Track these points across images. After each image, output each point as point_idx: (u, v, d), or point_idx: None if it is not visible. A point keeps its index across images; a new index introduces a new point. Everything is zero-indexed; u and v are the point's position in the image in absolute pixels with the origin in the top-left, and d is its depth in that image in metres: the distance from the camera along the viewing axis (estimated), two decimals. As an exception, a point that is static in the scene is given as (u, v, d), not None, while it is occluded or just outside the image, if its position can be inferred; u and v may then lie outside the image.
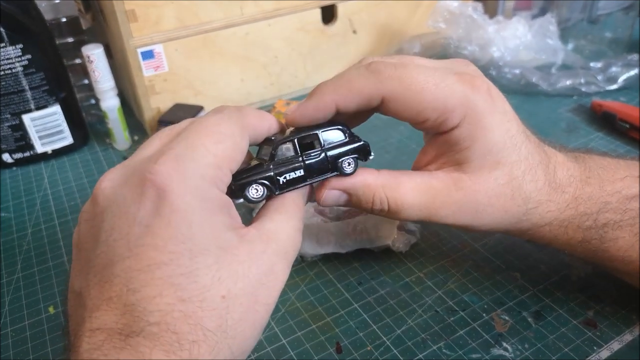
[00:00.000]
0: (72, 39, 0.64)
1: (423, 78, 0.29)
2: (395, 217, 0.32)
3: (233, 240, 0.25)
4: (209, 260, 0.23)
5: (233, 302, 0.23)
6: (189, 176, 0.24)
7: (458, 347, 0.35)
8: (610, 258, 0.33)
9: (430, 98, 0.29)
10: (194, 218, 0.23)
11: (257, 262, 0.25)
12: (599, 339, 0.35)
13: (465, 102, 0.30)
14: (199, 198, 0.24)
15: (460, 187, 0.32)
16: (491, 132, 0.31)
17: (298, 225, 0.29)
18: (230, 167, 0.26)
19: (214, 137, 0.26)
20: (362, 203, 0.32)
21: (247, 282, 0.24)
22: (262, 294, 0.25)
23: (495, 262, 0.42)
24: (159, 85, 0.60)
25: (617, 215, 0.32)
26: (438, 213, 0.32)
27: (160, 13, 0.57)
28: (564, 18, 0.77)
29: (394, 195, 0.31)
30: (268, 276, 0.25)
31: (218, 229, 0.24)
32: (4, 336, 0.38)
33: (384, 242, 0.42)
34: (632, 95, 0.64)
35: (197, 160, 0.24)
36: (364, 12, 0.69)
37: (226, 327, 0.23)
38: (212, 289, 0.23)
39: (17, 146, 0.58)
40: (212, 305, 0.23)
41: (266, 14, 0.62)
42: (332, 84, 0.30)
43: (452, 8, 0.70)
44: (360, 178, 0.31)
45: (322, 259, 0.43)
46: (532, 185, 0.32)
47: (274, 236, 0.27)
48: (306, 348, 0.36)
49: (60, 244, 0.47)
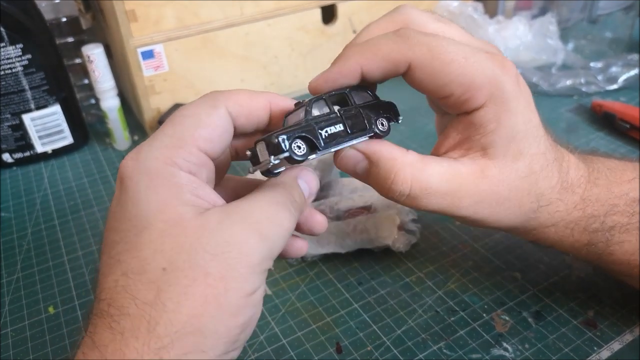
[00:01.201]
0: (72, 39, 0.64)
1: (454, 49, 0.28)
2: (412, 203, 0.30)
3: (186, 214, 0.24)
4: (153, 235, 0.23)
5: (175, 274, 0.22)
6: (142, 160, 0.25)
7: (458, 347, 0.35)
8: (615, 262, 0.33)
9: (459, 71, 0.28)
10: (140, 196, 0.24)
11: (208, 233, 0.23)
12: (599, 339, 0.35)
13: (494, 82, 0.28)
14: (149, 178, 0.24)
15: (486, 176, 0.30)
16: (516, 116, 0.29)
17: (280, 199, 0.26)
18: (197, 144, 0.25)
19: (175, 120, 0.26)
20: (381, 177, 0.29)
21: (196, 254, 0.23)
22: (215, 267, 0.23)
23: (495, 262, 0.42)
24: (159, 85, 0.60)
25: (624, 218, 0.32)
26: (460, 203, 0.30)
27: (160, 13, 0.57)
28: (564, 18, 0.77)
29: (419, 177, 0.29)
30: (224, 247, 0.23)
31: (167, 204, 0.24)
32: (4, 336, 0.38)
33: (384, 242, 0.42)
34: (632, 95, 0.64)
35: (152, 145, 0.25)
36: (364, 12, 0.69)
37: (164, 300, 0.22)
38: (153, 262, 0.23)
39: (17, 146, 0.58)
40: (151, 277, 0.22)
41: (266, 14, 0.62)
42: (359, 47, 0.29)
43: (452, 8, 0.70)
44: (387, 148, 0.29)
45: (322, 259, 0.43)
46: (546, 182, 0.31)
47: (240, 209, 0.25)
48: (306, 348, 0.36)
49: (60, 244, 0.47)
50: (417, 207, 0.30)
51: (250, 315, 0.24)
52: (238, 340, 0.24)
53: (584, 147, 0.56)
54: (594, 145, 0.56)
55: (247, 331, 0.25)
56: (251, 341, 0.36)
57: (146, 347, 0.21)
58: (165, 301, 0.22)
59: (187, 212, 0.24)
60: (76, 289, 0.42)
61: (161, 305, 0.22)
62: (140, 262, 0.23)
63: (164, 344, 0.21)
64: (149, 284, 0.22)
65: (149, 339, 0.21)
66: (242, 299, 0.23)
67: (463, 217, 0.31)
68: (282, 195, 0.26)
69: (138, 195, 0.24)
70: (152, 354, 0.21)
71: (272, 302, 0.39)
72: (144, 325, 0.22)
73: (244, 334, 0.24)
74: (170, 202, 0.24)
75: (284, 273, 0.42)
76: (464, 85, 0.28)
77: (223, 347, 0.23)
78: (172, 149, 0.25)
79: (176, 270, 0.22)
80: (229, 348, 0.23)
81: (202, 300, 0.22)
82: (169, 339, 0.22)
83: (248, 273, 0.23)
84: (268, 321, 0.38)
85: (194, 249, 0.23)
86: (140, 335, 0.21)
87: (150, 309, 0.22)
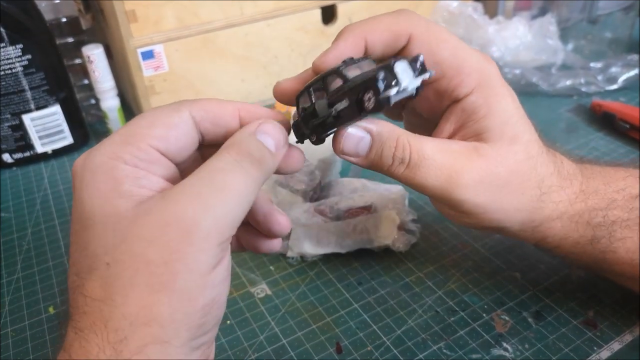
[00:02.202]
0: (72, 39, 0.64)
1: (447, 33, 0.30)
2: (412, 176, 0.30)
3: (122, 206, 0.23)
4: (96, 231, 0.23)
5: (119, 267, 0.22)
6: (90, 158, 0.24)
7: (458, 347, 0.35)
8: (618, 260, 0.32)
9: (451, 51, 0.29)
10: (85, 194, 0.23)
11: (143, 220, 0.22)
12: (599, 339, 0.35)
13: (480, 69, 0.30)
14: (92, 174, 0.24)
15: (480, 154, 0.30)
16: (506, 101, 0.30)
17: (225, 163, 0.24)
18: (148, 141, 0.24)
19: (131, 121, 0.26)
20: (384, 150, 0.29)
21: (133, 243, 0.22)
22: (155, 252, 0.21)
23: (495, 262, 0.42)
24: (159, 85, 0.60)
25: (624, 213, 0.32)
26: (458, 179, 0.29)
27: (160, 13, 0.57)
28: (564, 18, 0.77)
29: (417, 144, 0.29)
30: (161, 230, 0.22)
31: (107, 199, 0.23)
32: (4, 336, 0.38)
33: (384, 242, 0.42)
34: (632, 95, 0.64)
35: (104, 143, 0.25)
36: (364, 12, 0.69)
37: (113, 294, 0.21)
38: (98, 258, 0.22)
39: (17, 146, 0.58)
40: (98, 274, 0.22)
41: (266, 14, 0.62)
42: (361, 22, 0.30)
43: (452, 8, 0.71)
44: (383, 122, 0.30)
45: (322, 259, 0.43)
46: (544, 168, 0.32)
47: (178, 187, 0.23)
48: (306, 348, 0.36)
49: (60, 244, 0.47)
50: (418, 182, 0.30)
51: (212, 297, 0.23)
52: (205, 324, 0.23)
53: (580, 147, 0.56)
54: (594, 145, 0.56)
55: (214, 312, 0.23)
56: (251, 341, 0.36)
57: (106, 342, 0.21)
58: (113, 296, 0.22)
59: (124, 204, 0.23)
60: (76, 289, 0.42)
61: (110, 300, 0.22)
62: (88, 259, 0.23)
63: (120, 337, 0.21)
64: (97, 281, 0.22)
65: (107, 334, 0.21)
66: (197, 280, 0.22)
67: (467, 203, 0.30)
68: (230, 156, 0.24)
69: (82, 193, 0.24)
70: (111, 348, 0.21)
71: (272, 302, 0.39)
72: (99, 321, 0.21)
73: (210, 316, 0.23)
74: (109, 196, 0.23)
75: (284, 273, 0.42)
76: (454, 67, 0.29)
77: (187, 334, 0.22)
78: (120, 144, 0.24)
79: (118, 263, 0.22)
80: (196, 333, 0.22)
81: (149, 290, 0.21)
82: (124, 332, 0.21)
83: (195, 251, 0.22)
84: (268, 321, 0.38)
85: (131, 239, 0.22)
86: (99, 331, 0.21)
87: (102, 305, 0.22)
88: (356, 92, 0.25)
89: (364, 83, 0.25)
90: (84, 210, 0.23)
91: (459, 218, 0.33)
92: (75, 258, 0.23)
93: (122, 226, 0.22)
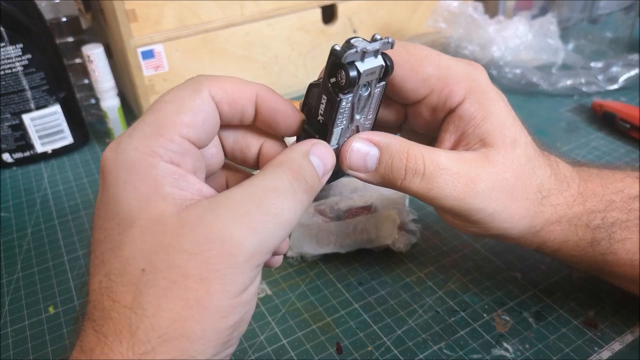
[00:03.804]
0: (72, 38, 0.64)
1: (426, 49, 0.29)
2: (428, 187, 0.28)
3: (166, 210, 0.22)
4: (135, 233, 0.22)
5: (154, 275, 0.21)
6: (120, 152, 0.23)
7: (459, 348, 0.35)
8: (618, 262, 0.32)
9: (434, 64, 0.29)
10: (120, 193, 0.22)
11: (188, 230, 0.21)
12: (599, 339, 0.35)
13: (468, 76, 0.29)
14: (128, 171, 0.23)
15: (490, 160, 0.29)
16: (499, 104, 0.30)
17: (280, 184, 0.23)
18: (179, 131, 0.23)
19: (155, 107, 0.24)
20: (395, 161, 0.28)
21: (174, 253, 0.21)
22: (194, 267, 0.21)
23: (495, 262, 0.42)
24: (159, 85, 0.60)
25: (623, 214, 0.32)
26: (475, 186, 0.29)
27: (160, 13, 0.57)
28: (565, 18, 0.77)
29: (430, 155, 0.28)
30: (204, 245, 0.21)
31: (147, 200, 0.22)
32: (4, 336, 0.38)
33: (385, 242, 0.42)
34: (633, 95, 0.64)
35: (132, 135, 0.23)
36: (364, 12, 0.69)
37: (145, 303, 0.21)
38: (133, 262, 0.21)
39: (17, 146, 0.58)
40: (131, 279, 0.21)
41: (266, 14, 0.62)
42: None
43: (453, 8, 0.70)
44: (388, 135, 0.29)
45: (322, 259, 0.43)
46: (542, 171, 0.31)
47: (227, 199, 0.22)
48: (306, 348, 0.36)
49: (60, 244, 0.47)
50: (435, 194, 0.29)
51: (242, 315, 0.23)
52: (230, 339, 0.23)
53: (580, 147, 0.56)
54: (595, 145, 0.56)
55: (241, 328, 0.23)
56: (251, 341, 0.36)
57: (130, 352, 0.20)
58: (144, 304, 0.21)
59: (168, 208, 0.22)
60: (76, 289, 0.42)
61: (141, 309, 0.21)
62: (122, 262, 0.22)
63: (147, 350, 0.21)
64: (128, 286, 0.21)
65: (133, 344, 0.21)
66: (229, 300, 0.22)
67: (480, 211, 0.30)
68: (285, 178, 0.23)
69: (118, 191, 0.22)
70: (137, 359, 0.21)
71: (272, 302, 0.39)
72: (126, 329, 0.21)
73: (236, 332, 0.23)
74: (151, 198, 0.22)
75: (284, 273, 0.42)
76: (441, 78, 0.29)
77: (213, 350, 0.22)
78: (152, 137, 0.23)
79: (155, 272, 0.21)
80: (220, 349, 0.22)
81: (183, 304, 0.21)
82: (151, 344, 0.21)
83: (233, 273, 0.21)
84: (268, 321, 0.38)
85: (172, 248, 0.21)
86: (124, 340, 0.21)
87: (130, 313, 0.21)
88: (326, 83, 0.25)
89: (328, 68, 0.25)
90: (121, 210, 0.22)
91: (465, 227, 0.32)
92: (107, 258, 0.22)
93: (164, 233, 0.22)
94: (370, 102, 0.28)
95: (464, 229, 0.33)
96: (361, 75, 0.25)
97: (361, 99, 0.27)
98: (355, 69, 0.24)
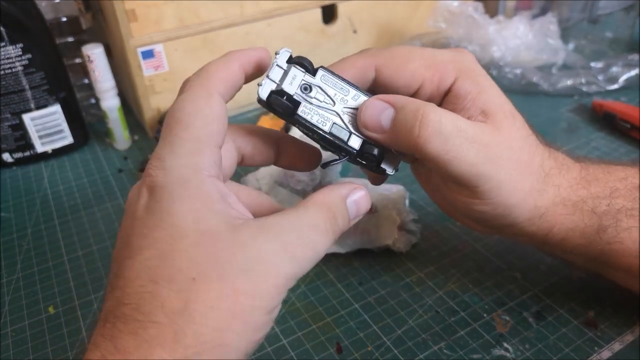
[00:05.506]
0: (72, 38, 0.64)
1: (408, 47, 0.32)
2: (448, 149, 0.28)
3: (220, 227, 0.24)
4: (187, 245, 0.23)
5: (204, 286, 0.22)
6: (169, 169, 0.25)
7: (459, 348, 0.35)
8: (625, 252, 0.31)
9: (418, 58, 0.31)
10: (175, 207, 0.24)
11: (241, 248, 0.23)
12: (599, 340, 0.35)
13: (455, 59, 0.31)
14: (182, 187, 0.24)
15: (498, 128, 0.30)
16: (491, 82, 0.31)
17: (320, 222, 0.26)
18: (216, 142, 0.26)
19: (183, 121, 0.25)
20: (409, 121, 0.28)
21: (226, 267, 0.23)
22: (244, 283, 0.23)
23: (495, 262, 0.42)
24: (159, 85, 0.60)
25: (628, 202, 0.32)
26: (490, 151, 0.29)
27: (160, 13, 0.57)
28: (565, 18, 0.77)
29: (447, 115, 0.29)
30: (254, 264, 0.23)
31: (201, 216, 0.24)
32: (4, 336, 0.38)
33: (385, 242, 0.42)
34: (633, 95, 0.64)
35: (175, 152, 0.25)
36: (365, 12, 0.69)
37: (192, 310, 0.22)
38: (184, 272, 0.22)
39: (17, 146, 0.58)
40: (180, 286, 0.22)
41: (266, 14, 0.62)
42: (331, 65, 0.32)
43: (453, 8, 0.70)
44: (407, 97, 0.30)
45: (322, 259, 0.43)
46: (541, 149, 0.32)
47: (276, 226, 0.25)
48: (306, 348, 0.36)
49: (60, 244, 0.47)
50: (451, 157, 0.28)
51: (267, 331, 0.25)
52: (250, 352, 0.24)
53: (580, 147, 0.56)
54: (595, 145, 0.56)
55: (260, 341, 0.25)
56: (251, 341, 0.36)
57: (171, 356, 0.21)
58: (192, 312, 0.22)
59: (221, 225, 0.24)
60: (76, 289, 0.42)
61: (189, 316, 0.22)
62: (172, 270, 0.23)
63: (187, 355, 0.21)
64: (178, 293, 0.22)
65: (175, 349, 0.21)
66: (264, 316, 0.23)
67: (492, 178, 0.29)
68: (323, 218, 0.26)
69: (173, 205, 0.24)
70: None
71: (272, 302, 0.39)
72: (170, 334, 0.21)
73: (257, 344, 0.25)
74: (204, 214, 0.24)
75: (284, 273, 0.42)
76: (429, 67, 0.30)
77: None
78: (196, 155, 0.25)
79: (206, 282, 0.22)
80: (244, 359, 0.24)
81: (228, 316, 0.22)
82: (194, 350, 0.22)
83: (273, 293, 0.23)
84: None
85: (226, 262, 0.23)
86: (167, 345, 0.21)
87: (178, 319, 0.22)
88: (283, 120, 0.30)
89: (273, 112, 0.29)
90: (175, 223, 0.23)
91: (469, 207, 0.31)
92: (153, 264, 0.23)
93: (218, 248, 0.23)
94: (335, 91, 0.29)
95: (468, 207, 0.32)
96: (285, 93, 0.28)
97: (314, 98, 0.29)
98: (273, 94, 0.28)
